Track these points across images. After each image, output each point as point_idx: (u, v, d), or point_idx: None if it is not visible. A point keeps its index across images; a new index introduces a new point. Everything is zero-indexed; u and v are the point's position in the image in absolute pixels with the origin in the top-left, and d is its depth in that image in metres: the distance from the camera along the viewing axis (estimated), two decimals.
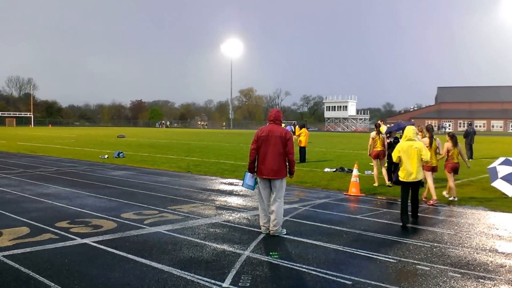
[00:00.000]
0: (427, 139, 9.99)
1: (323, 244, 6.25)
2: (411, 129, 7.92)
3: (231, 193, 10.60)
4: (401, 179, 7.81)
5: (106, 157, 19.27)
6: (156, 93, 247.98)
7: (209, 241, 6.26)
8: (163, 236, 6.49)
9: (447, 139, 10.22)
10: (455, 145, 10.08)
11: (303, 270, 5.12)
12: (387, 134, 12.51)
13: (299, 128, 20.85)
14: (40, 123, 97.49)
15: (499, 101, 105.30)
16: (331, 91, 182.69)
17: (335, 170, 15.57)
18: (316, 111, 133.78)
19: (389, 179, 11.97)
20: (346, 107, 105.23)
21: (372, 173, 13.02)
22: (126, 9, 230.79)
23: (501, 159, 10.73)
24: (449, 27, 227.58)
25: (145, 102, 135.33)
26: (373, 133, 12.50)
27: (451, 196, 10.16)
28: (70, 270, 4.92)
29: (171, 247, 5.93)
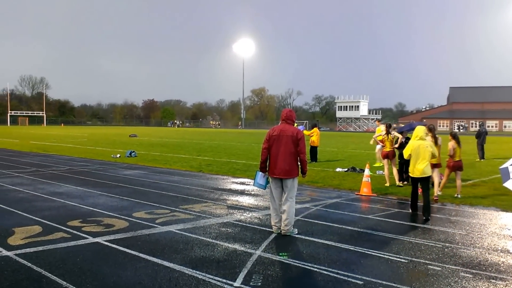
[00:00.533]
0: (430, 138, 10.35)
1: (335, 244, 6.22)
2: (422, 129, 8.47)
3: (242, 193, 10.60)
4: (411, 175, 8.38)
5: (118, 156, 19.41)
6: (168, 92, 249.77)
7: (221, 241, 6.26)
8: (175, 235, 6.51)
9: (450, 138, 10.57)
10: (458, 144, 10.46)
11: (315, 269, 5.09)
12: (399, 133, 12.44)
13: (310, 127, 20.78)
14: (52, 122, 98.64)
15: None
16: (343, 91, 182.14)
17: (346, 170, 15.49)
18: (328, 111, 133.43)
19: (400, 179, 11.89)
20: (358, 107, 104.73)
21: (383, 173, 12.94)
22: (138, 8, 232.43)
23: None
24: (461, 27, 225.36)
25: (157, 101, 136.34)
26: (383, 132, 12.54)
27: (456, 193, 10.50)
28: (82, 268, 4.96)
29: (182, 246, 5.94)
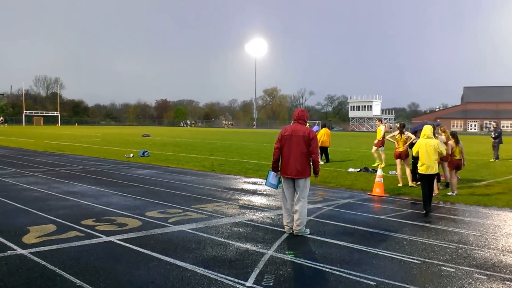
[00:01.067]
0: (444, 137, 10.89)
1: (347, 244, 6.19)
2: (429, 128, 8.97)
3: (254, 193, 10.61)
4: (420, 172, 8.88)
5: (131, 156, 19.56)
6: (180, 92, 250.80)
7: (233, 240, 6.27)
8: (187, 234, 6.54)
9: (449, 137, 10.89)
10: (457, 143, 10.87)
11: (327, 270, 5.07)
12: (412, 133, 12.34)
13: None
14: (66, 122, 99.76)
15: None
16: (355, 91, 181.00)
17: (359, 170, 15.40)
18: (340, 110, 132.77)
19: (413, 179, 11.78)
20: (370, 106, 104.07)
21: (396, 173, 12.84)
22: (151, 8, 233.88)
23: None
24: (475, 26, 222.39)
25: (170, 101, 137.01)
26: (396, 133, 12.47)
27: (451, 191, 10.70)
28: (95, 267, 5.01)
29: (195, 245, 5.97)
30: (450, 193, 10.62)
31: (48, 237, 6.18)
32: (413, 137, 12.10)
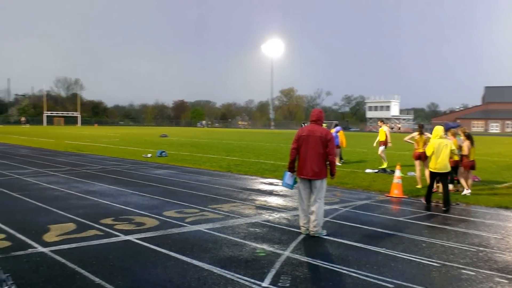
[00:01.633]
0: (468, 143, 10.96)
1: (364, 246, 6.14)
2: (440, 129, 9.44)
3: (271, 193, 10.60)
4: (431, 170, 9.26)
5: (149, 156, 19.74)
6: (198, 93, 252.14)
7: (249, 241, 6.28)
8: (204, 234, 6.57)
9: (464, 138, 10.92)
10: (472, 144, 10.92)
11: (344, 272, 5.04)
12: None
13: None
14: (86, 123, 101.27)
15: None
16: (373, 91, 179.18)
17: (376, 171, 15.26)
18: (358, 111, 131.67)
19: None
20: (388, 107, 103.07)
21: (415, 175, 12.67)
22: (168, 10, 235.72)
23: None
24: (497, 24, 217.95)
25: (187, 102, 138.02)
26: (415, 134, 12.30)
27: (465, 189, 10.80)
28: (114, 265, 5.08)
29: (211, 245, 5.99)
30: (465, 192, 10.70)
31: (68, 236, 6.28)
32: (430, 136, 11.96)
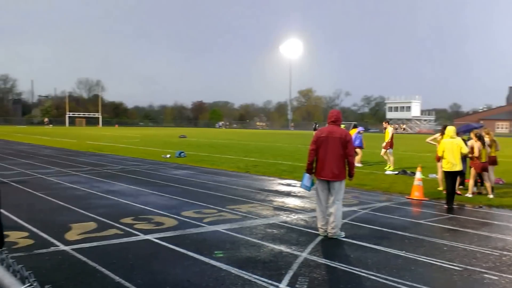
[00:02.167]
0: (488, 140, 10.97)
1: (384, 248, 6.06)
2: (452, 129, 9.70)
3: (289, 194, 10.57)
4: (445, 169, 9.50)
5: (168, 156, 19.91)
6: (216, 94, 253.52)
7: (267, 242, 6.27)
8: (222, 235, 6.59)
9: (475, 140, 10.88)
10: (484, 145, 10.86)
11: (362, 274, 4.99)
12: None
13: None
14: (107, 123, 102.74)
15: None
16: (393, 91, 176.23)
17: (397, 173, 15.06)
18: (377, 111, 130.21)
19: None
20: (409, 107, 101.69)
21: (436, 177, 12.46)
22: (186, 11, 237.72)
23: None
24: None
25: (206, 103, 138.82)
26: (437, 135, 12.10)
27: (468, 192, 10.74)
28: (133, 264, 5.13)
29: (229, 246, 6.00)
30: (468, 194, 10.72)
31: (89, 234, 6.38)
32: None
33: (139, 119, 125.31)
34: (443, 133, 11.84)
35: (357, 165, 16.48)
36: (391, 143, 16.67)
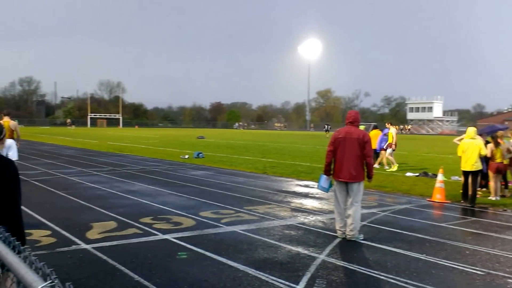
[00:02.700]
0: (492, 145, 10.76)
1: (404, 252, 5.98)
2: (473, 130, 9.91)
3: (306, 196, 10.53)
4: (463, 169, 9.80)
5: (186, 157, 20.05)
6: (234, 95, 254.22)
7: (284, 243, 6.25)
8: (239, 235, 6.60)
9: (491, 140, 10.85)
10: (497, 145, 10.72)
11: (381, 278, 4.93)
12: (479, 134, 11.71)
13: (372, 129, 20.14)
14: (127, 124, 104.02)
15: None
16: (414, 91, 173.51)
17: (417, 174, 14.85)
18: (398, 112, 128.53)
19: (480, 186, 11.12)
20: (431, 108, 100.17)
21: (459, 179, 12.24)
22: (205, 12, 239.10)
23: None
24: None
25: (224, 104, 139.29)
26: (464, 135, 11.88)
27: (494, 196, 10.43)
28: (152, 263, 5.18)
29: (246, 246, 6.01)
30: (491, 197, 10.44)
31: (109, 233, 6.47)
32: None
33: (159, 120, 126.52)
34: None
35: (386, 168, 16.35)
36: (393, 143, 16.52)
